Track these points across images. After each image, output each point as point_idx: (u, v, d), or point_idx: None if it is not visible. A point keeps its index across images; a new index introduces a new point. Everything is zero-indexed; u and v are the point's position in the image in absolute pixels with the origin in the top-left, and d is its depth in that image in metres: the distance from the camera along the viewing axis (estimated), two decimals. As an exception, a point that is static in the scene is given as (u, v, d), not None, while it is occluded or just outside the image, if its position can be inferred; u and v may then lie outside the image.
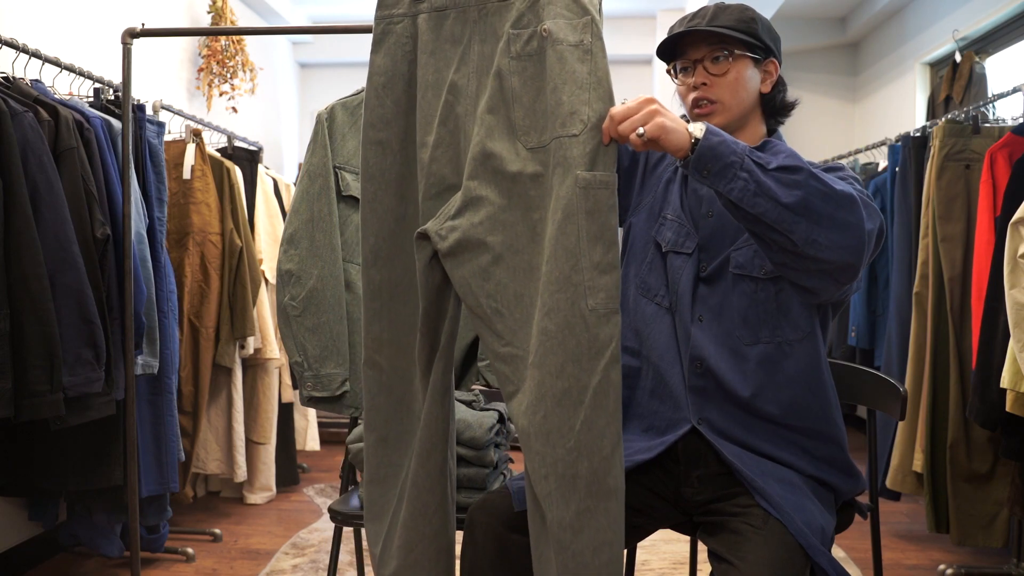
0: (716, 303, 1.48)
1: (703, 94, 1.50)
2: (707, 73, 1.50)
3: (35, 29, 2.83)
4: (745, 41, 1.50)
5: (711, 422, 1.45)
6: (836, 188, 1.29)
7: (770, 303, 1.45)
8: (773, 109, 1.58)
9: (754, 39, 1.50)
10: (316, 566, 2.73)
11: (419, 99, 1.35)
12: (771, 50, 1.54)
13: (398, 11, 1.38)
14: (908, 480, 2.89)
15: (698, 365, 1.46)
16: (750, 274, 1.46)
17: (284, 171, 5.22)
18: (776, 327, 1.45)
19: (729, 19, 1.50)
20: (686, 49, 1.53)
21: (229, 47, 4.04)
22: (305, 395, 1.87)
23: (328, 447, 4.32)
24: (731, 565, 1.27)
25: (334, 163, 1.92)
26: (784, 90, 1.58)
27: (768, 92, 1.55)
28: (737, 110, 1.52)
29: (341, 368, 1.87)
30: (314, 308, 1.84)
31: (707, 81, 1.50)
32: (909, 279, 2.99)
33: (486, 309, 1.26)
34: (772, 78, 1.55)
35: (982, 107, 2.91)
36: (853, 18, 4.93)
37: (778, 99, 1.58)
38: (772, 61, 1.55)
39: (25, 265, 1.94)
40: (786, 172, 1.27)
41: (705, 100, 1.51)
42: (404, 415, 1.44)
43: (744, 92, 1.51)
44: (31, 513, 2.65)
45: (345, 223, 1.94)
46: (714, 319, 1.47)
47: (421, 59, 1.35)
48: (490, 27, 1.29)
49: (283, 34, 5.12)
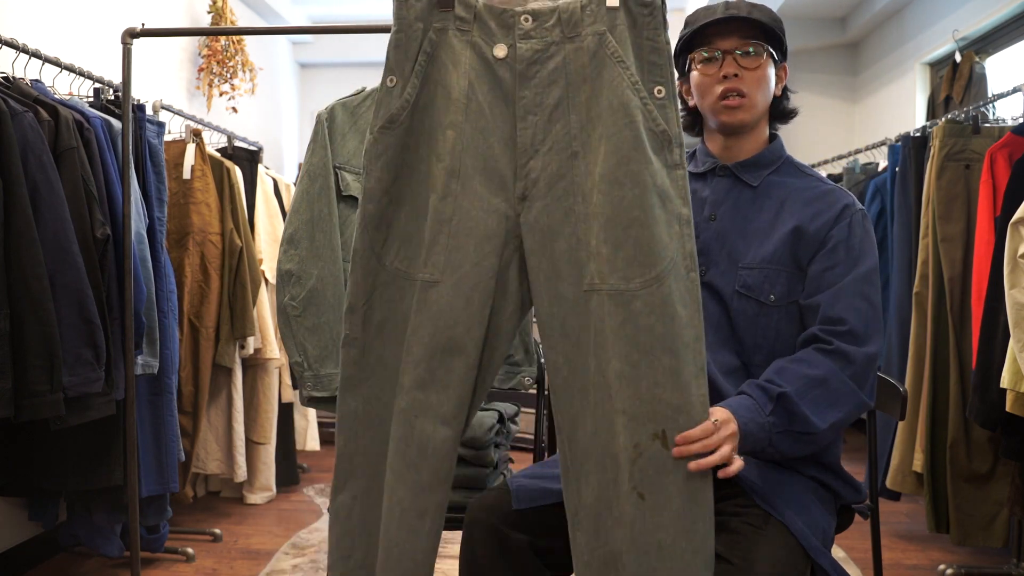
0: (715, 314, 1.47)
1: (735, 85, 1.46)
2: (738, 65, 1.47)
3: (35, 29, 2.83)
4: (773, 40, 1.49)
5: None
6: (839, 415, 1.36)
7: (770, 330, 1.45)
8: (778, 113, 1.57)
9: (780, 41, 1.51)
10: (316, 566, 2.73)
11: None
12: (785, 55, 1.54)
13: None
14: (908, 480, 2.89)
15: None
16: (757, 298, 1.45)
17: (284, 171, 5.22)
18: (772, 352, 1.46)
19: (763, 15, 1.48)
20: (712, 39, 1.48)
21: (229, 47, 4.04)
22: (305, 395, 1.87)
23: (328, 447, 4.31)
24: (731, 565, 1.27)
25: (334, 163, 1.92)
26: (789, 96, 1.59)
27: (779, 95, 1.55)
28: (761, 108, 1.51)
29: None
30: (314, 308, 1.84)
31: (739, 72, 1.47)
32: (909, 279, 2.99)
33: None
34: (782, 83, 1.55)
35: (982, 107, 2.91)
36: (853, 18, 4.93)
37: (784, 104, 1.57)
38: (784, 66, 1.55)
39: (25, 265, 1.94)
40: (801, 440, 1.35)
41: (735, 92, 1.47)
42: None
43: (768, 92, 1.51)
44: (31, 513, 2.65)
45: (345, 223, 1.94)
46: (712, 330, 1.46)
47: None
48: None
49: (283, 34, 5.13)
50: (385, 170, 1.30)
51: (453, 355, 1.28)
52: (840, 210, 1.46)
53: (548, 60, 1.27)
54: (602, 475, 1.23)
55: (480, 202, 1.28)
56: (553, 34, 1.27)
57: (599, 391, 1.24)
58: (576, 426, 1.26)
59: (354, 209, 1.93)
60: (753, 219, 1.49)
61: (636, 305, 1.22)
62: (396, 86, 1.29)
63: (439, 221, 1.28)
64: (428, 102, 1.29)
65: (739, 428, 1.27)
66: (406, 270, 1.31)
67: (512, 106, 1.28)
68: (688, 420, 1.22)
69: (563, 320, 1.26)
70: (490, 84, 1.28)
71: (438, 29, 1.28)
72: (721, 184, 1.53)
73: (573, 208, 1.26)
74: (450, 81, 1.28)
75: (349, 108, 1.95)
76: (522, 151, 1.28)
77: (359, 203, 1.32)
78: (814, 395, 1.34)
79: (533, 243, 1.28)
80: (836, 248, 1.43)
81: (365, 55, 5.51)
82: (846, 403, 1.37)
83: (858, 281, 1.42)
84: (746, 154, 1.54)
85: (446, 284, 1.27)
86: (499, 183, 1.29)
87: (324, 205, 1.88)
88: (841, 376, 1.36)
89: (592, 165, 1.26)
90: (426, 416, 1.28)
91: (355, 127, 1.94)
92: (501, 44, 1.28)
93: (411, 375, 1.28)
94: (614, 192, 1.23)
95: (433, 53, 1.29)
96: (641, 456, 1.22)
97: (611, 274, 1.23)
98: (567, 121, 1.27)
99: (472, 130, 1.28)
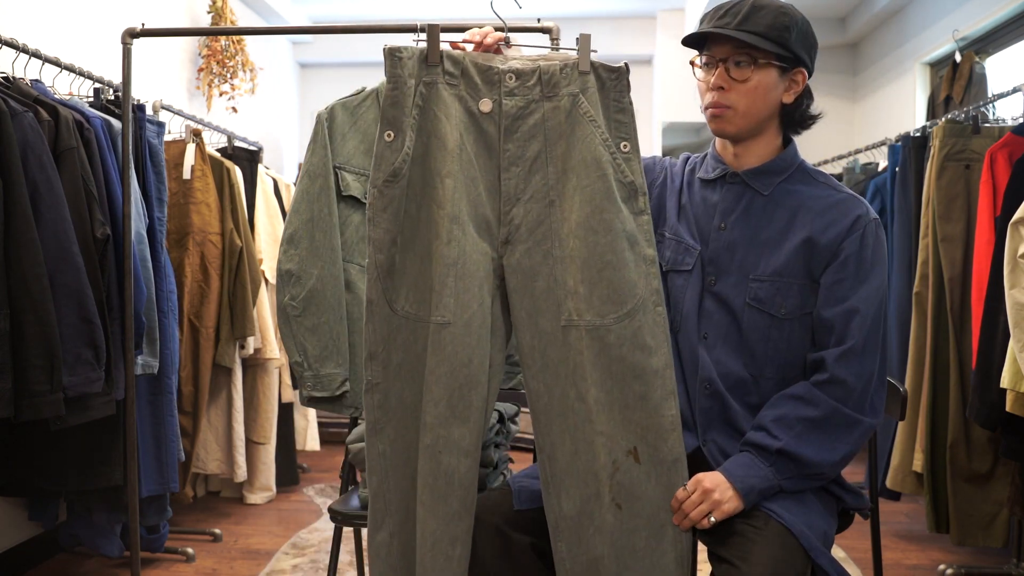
0: (724, 324, 1.46)
1: (719, 99, 1.45)
2: (727, 76, 1.43)
3: (35, 29, 2.82)
4: (782, 45, 1.42)
5: (717, 442, 1.45)
6: (845, 450, 1.40)
7: (781, 342, 1.45)
8: (793, 120, 1.51)
9: (783, 48, 1.42)
10: (316, 566, 2.73)
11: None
12: (800, 59, 1.45)
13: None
14: (908, 480, 2.89)
15: (707, 387, 1.46)
16: (768, 311, 1.44)
17: (284, 171, 5.22)
18: (783, 364, 1.46)
19: (761, 24, 1.41)
20: (711, 45, 1.46)
21: (229, 47, 4.04)
22: (305, 395, 1.87)
23: (328, 447, 4.32)
24: (732, 566, 1.27)
25: (334, 163, 1.92)
26: (809, 101, 1.51)
27: (790, 102, 1.48)
28: (753, 119, 1.46)
29: (341, 368, 1.87)
30: (314, 308, 1.84)
31: (725, 85, 1.44)
32: (909, 279, 2.99)
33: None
34: (798, 88, 1.48)
35: (982, 107, 2.91)
36: (853, 18, 4.93)
37: (800, 110, 1.50)
38: (800, 71, 1.47)
39: (25, 265, 1.94)
40: (808, 478, 1.39)
41: (720, 104, 1.45)
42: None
43: (762, 102, 1.44)
44: (31, 513, 2.65)
45: (345, 223, 1.94)
46: (721, 341, 1.46)
47: None
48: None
49: (283, 34, 5.11)
50: (392, 221, 1.38)
51: (470, 390, 1.36)
52: (853, 220, 1.43)
53: (529, 116, 1.39)
54: (584, 489, 1.35)
55: (476, 245, 1.37)
56: (534, 92, 1.38)
57: (578, 415, 1.36)
58: (555, 446, 1.37)
59: (354, 209, 1.93)
60: (764, 229, 1.47)
61: (610, 338, 1.35)
62: (395, 140, 1.37)
63: (446, 265, 1.35)
64: (425, 152, 1.38)
65: (734, 487, 1.35)
66: (416, 313, 1.38)
67: (496, 157, 1.39)
68: (656, 437, 1.36)
69: (544, 351, 1.38)
70: (475, 136, 1.39)
71: (427, 83, 1.37)
72: (732, 192, 1.50)
73: (551, 251, 1.38)
74: (444, 132, 1.37)
75: (349, 108, 1.95)
76: (506, 199, 1.39)
77: (369, 254, 1.39)
78: (815, 438, 1.38)
79: (515, 283, 1.39)
80: (847, 261, 1.42)
81: (365, 55, 5.50)
82: (850, 436, 1.40)
83: (865, 298, 1.41)
84: (756, 160, 1.50)
85: (458, 324, 1.36)
86: (485, 228, 1.39)
87: (324, 205, 1.88)
88: (842, 411, 1.39)
89: (568, 212, 1.37)
90: (450, 450, 1.36)
91: (355, 127, 1.93)
92: (486, 99, 1.39)
93: (433, 413, 1.35)
94: (589, 238, 1.36)
95: (424, 106, 1.37)
96: (618, 471, 1.36)
97: (587, 311, 1.36)
98: (545, 172, 1.39)
99: (465, 178, 1.37)
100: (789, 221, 1.46)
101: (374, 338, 1.40)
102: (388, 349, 1.40)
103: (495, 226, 1.40)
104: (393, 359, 1.40)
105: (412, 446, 1.39)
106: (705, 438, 1.46)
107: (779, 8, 1.43)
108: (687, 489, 1.36)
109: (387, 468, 1.41)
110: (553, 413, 1.37)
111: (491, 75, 1.38)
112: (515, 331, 1.41)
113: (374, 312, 1.39)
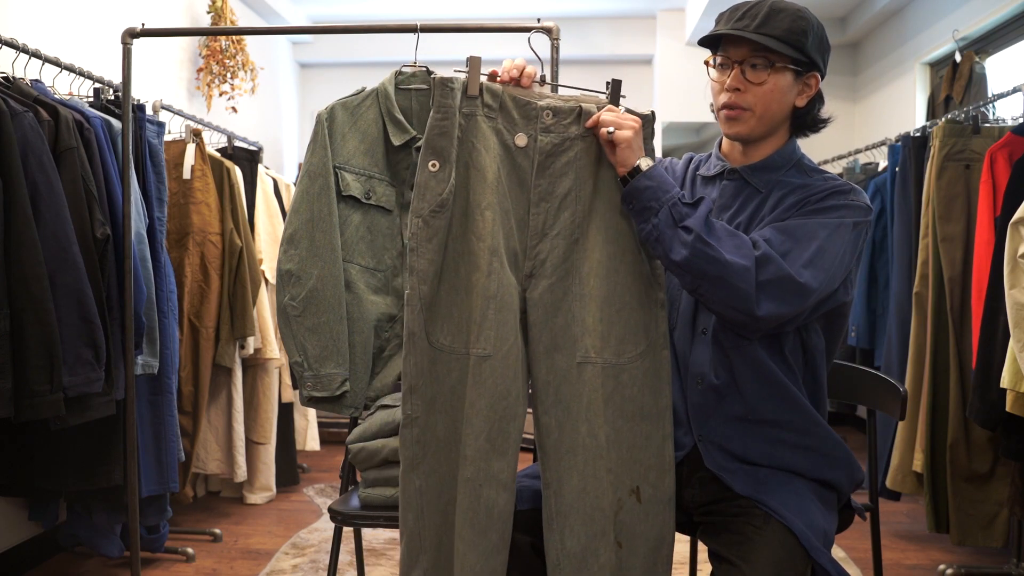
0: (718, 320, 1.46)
1: (735, 100, 1.44)
2: (743, 78, 1.43)
3: (35, 29, 2.82)
4: (790, 55, 1.41)
5: (712, 439, 1.45)
6: (725, 257, 1.31)
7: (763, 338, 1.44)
8: (803, 123, 1.51)
9: (800, 53, 1.41)
10: (316, 566, 2.73)
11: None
12: (815, 64, 1.45)
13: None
14: (908, 480, 2.89)
15: (699, 382, 1.46)
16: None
17: (284, 171, 5.22)
18: (773, 351, 1.45)
19: (779, 27, 1.40)
20: (727, 46, 1.45)
21: (229, 47, 4.04)
22: (305, 395, 1.87)
23: (328, 447, 4.32)
24: (732, 565, 1.27)
25: (334, 163, 1.91)
26: (820, 105, 1.51)
27: (802, 106, 1.48)
28: (767, 121, 1.46)
29: (341, 368, 1.87)
30: (314, 308, 1.84)
31: (741, 87, 1.43)
32: (909, 279, 2.99)
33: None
34: (810, 92, 1.47)
35: (982, 107, 2.91)
36: (853, 18, 4.93)
37: (811, 115, 1.50)
38: (814, 75, 1.46)
39: (25, 265, 1.94)
40: (686, 232, 1.32)
41: (735, 105, 1.44)
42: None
43: (777, 105, 1.44)
44: (31, 513, 2.65)
45: (345, 223, 1.94)
46: (715, 333, 1.45)
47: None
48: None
49: (283, 34, 5.12)
50: (437, 251, 1.38)
51: (509, 422, 1.37)
52: (826, 192, 1.43)
53: (563, 154, 1.40)
54: (590, 526, 1.36)
55: (509, 278, 1.38)
56: (571, 130, 1.40)
57: (588, 452, 1.37)
58: (563, 482, 1.38)
59: (354, 209, 1.93)
60: (754, 222, 1.47)
61: (624, 377, 1.39)
62: (441, 170, 1.37)
63: (486, 297, 1.36)
64: (465, 184, 1.39)
65: (649, 168, 1.35)
66: (451, 345, 1.38)
67: (527, 191, 1.41)
68: (657, 477, 1.40)
69: (557, 388, 1.39)
70: (509, 169, 1.41)
71: (466, 114, 1.39)
72: (728, 188, 1.51)
73: (571, 288, 1.39)
74: (484, 163, 1.38)
75: (349, 108, 1.95)
76: (533, 233, 1.41)
77: (410, 285, 1.39)
78: (720, 237, 1.33)
79: (536, 317, 1.40)
80: (803, 204, 1.42)
81: (365, 55, 5.51)
82: (731, 268, 1.31)
83: (809, 225, 1.38)
84: (760, 159, 1.50)
85: (497, 357, 1.36)
86: (512, 260, 1.40)
87: (324, 205, 1.88)
88: (746, 265, 1.32)
89: (590, 251, 1.40)
90: (490, 484, 1.36)
91: (355, 127, 1.93)
92: (522, 134, 1.41)
93: (473, 446, 1.35)
94: (610, 277, 1.39)
95: (463, 137, 1.38)
96: (622, 509, 1.39)
97: (604, 349, 1.38)
98: (574, 210, 1.40)
99: (501, 211, 1.38)
100: (775, 208, 1.47)
101: (415, 371, 1.39)
102: (427, 383, 1.39)
103: (521, 259, 1.41)
104: (428, 392, 1.40)
105: (446, 480, 1.39)
106: (700, 434, 1.46)
107: (797, 12, 1.43)
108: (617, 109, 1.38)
109: (423, 505, 1.40)
110: (563, 449, 1.38)
111: (528, 110, 1.40)
112: (531, 365, 1.41)
113: (415, 345, 1.39)
